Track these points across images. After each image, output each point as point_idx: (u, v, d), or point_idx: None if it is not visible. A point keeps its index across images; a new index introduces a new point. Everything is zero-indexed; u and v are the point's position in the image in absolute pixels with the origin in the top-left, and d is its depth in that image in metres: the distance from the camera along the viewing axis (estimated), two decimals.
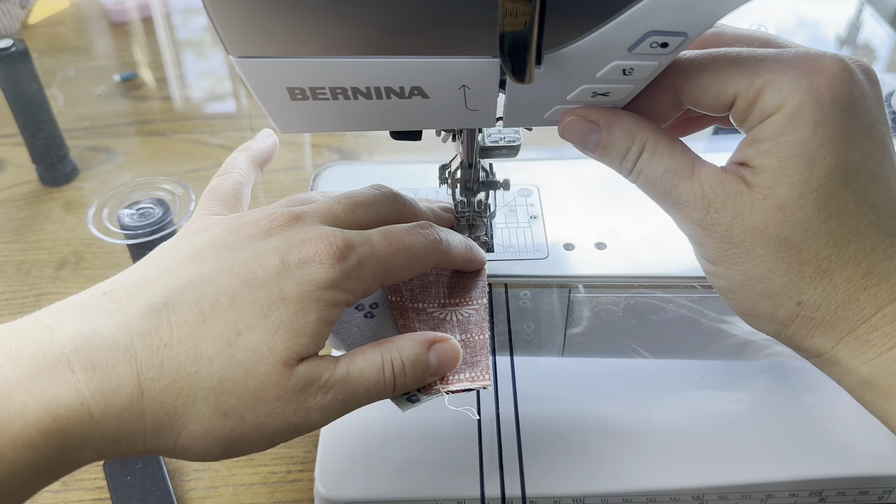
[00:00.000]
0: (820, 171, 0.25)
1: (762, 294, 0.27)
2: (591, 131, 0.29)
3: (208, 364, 0.25)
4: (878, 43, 0.71)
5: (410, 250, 0.30)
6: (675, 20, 0.24)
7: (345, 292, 0.28)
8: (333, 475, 0.38)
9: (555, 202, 0.39)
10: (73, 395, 0.23)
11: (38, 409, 0.23)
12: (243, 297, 0.26)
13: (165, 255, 0.28)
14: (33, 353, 0.24)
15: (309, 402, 0.27)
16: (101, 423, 0.24)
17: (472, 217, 0.37)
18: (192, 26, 0.85)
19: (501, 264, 0.36)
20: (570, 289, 0.36)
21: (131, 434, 0.25)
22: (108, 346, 0.24)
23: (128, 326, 0.25)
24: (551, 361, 0.42)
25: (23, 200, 0.62)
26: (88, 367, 0.24)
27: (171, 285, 0.26)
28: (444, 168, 0.38)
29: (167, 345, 0.25)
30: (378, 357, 0.29)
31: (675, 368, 0.43)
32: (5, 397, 0.23)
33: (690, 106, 0.29)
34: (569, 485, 0.37)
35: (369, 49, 0.24)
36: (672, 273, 0.35)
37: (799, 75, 0.25)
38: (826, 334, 0.27)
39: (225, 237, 0.28)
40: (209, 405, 0.25)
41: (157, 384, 0.25)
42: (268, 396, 0.26)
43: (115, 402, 0.24)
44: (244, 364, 0.25)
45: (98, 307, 0.25)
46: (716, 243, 0.27)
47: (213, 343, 0.25)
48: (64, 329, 0.25)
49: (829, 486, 0.37)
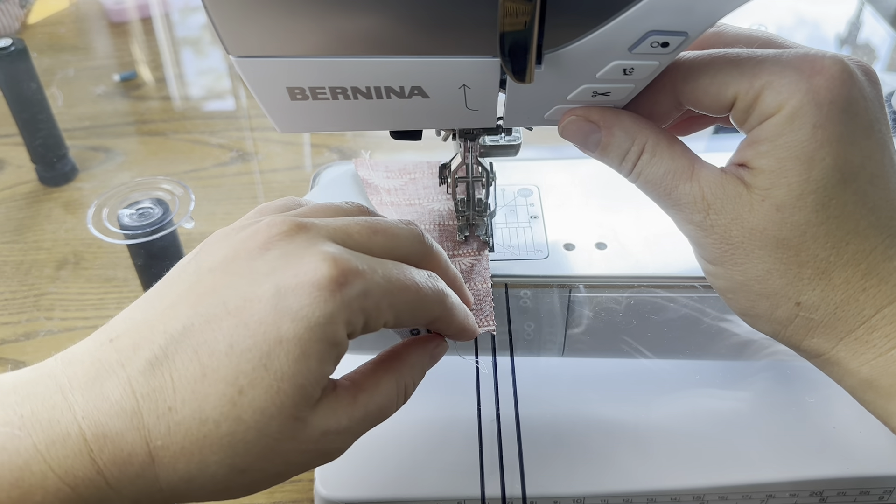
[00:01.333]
0: (818, 172, 0.25)
1: (760, 294, 0.27)
2: (591, 131, 0.29)
3: (216, 429, 0.24)
4: (878, 42, 0.71)
5: (419, 293, 0.27)
6: (676, 20, 0.23)
7: (346, 326, 0.25)
8: (333, 475, 0.38)
9: (555, 202, 0.39)
10: (88, 465, 0.23)
11: (57, 479, 0.23)
12: (240, 343, 0.24)
13: (173, 280, 0.27)
14: (48, 418, 0.23)
15: (327, 446, 0.26)
16: (118, 488, 0.24)
17: (472, 217, 0.37)
18: (190, 24, 0.85)
19: (501, 264, 0.36)
20: (570, 289, 0.36)
21: (150, 494, 0.24)
22: (116, 413, 0.24)
23: (132, 388, 0.24)
24: (551, 361, 0.42)
25: (22, 200, 0.62)
26: (100, 436, 0.23)
27: (169, 330, 0.25)
28: (443, 168, 0.38)
29: (171, 408, 0.24)
30: (393, 388, 0.28)
31: (675, 368, 0.43)
32: (26, 466, 0.22)
33: (690, 107, 0.29)
34: (569, 485, 0.37)
35: (369, 49, 0.24)
36: (672, 273, 0.35)
37: (798, 77, 0.25)
38: (825, 335, 0.27)
39: (225, 255, 0.26)
40: (224, 467, 0.24)
41: (167, 451, 0.24)
42: (284, 450, 0.25)
43: (128, 470, 0.24)
44: (254, 426, 0.24)
45: (104, 360, 0.25)
46: (715, 244, 0.27)
47: (218, 404, 0.24)
48: (75, 391, 0.24)
49: (829, 486, 0.37)
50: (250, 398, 0.24)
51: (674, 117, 0.30)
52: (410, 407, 0.41)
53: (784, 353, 0.40)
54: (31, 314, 0.51)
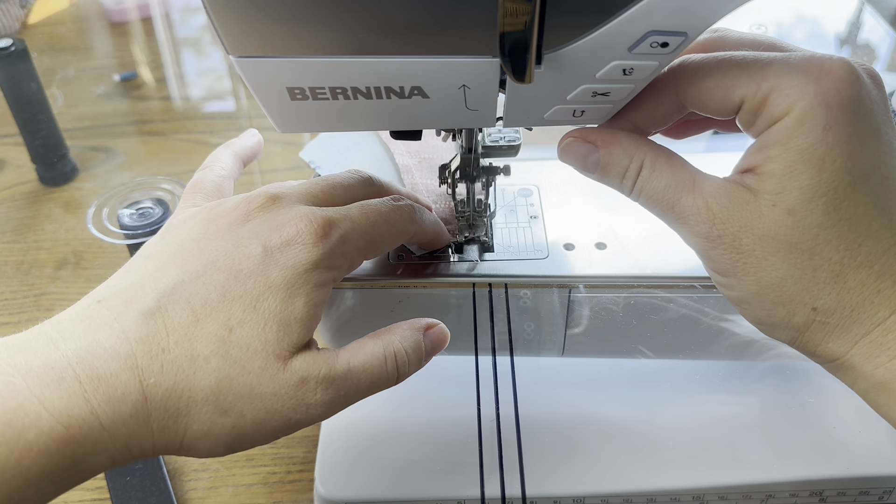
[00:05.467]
0: (829, 174, 0.25)
1: (776, 302, 0.27)
2: (589, 152, 0.29)
3: (205, 364, 0.26)
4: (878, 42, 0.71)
5: (389, 221, 0.30)
6: (676, 20, 0.23)
7: (330, 270, 0.28)
8: (333, 475, 0.38)
9: (555, 202, 0.39)
10: (82, 405, 0.24)
11: (51, 419, 0.24)
12: (232, 291, 0.27)
13: (150, 253, 0.29)
14: (41, 365, 0.24)
15: (308, 398, 0.27)
16: (111, 430, 0.25)
17: (472, 217, 0.37)
18: (191, 24, 0.85)
19: (501, 264, 0.36)
20: (570, 289, 0.36)
21: (140, 438, 0.25)
22: (110, 356, 0.25)
23: (126, 335, 0.26)
24: (551, 361, 0.42)
25: (22, 200, 0.62)
26: (94, 378, 0.25)
27: (160, 287, 0.27)
28: (444, 168, 0.38)
29: (165, 349, 0.26)
30: (380, 350, 0.29)
31: (675, 369, 0.43)
32: (19, 408, 0.23)
33: (695, 109, 0.28)
34: (569, 485, 0.37)
35: (369, 49, 0.24)
36: (672, 273, 0.35)
37: (806, 79, 0.25)
38: (841, 338, 0.27)
39: (206, 228, 0.29)
40: (209, 405, 0.26)
41: (159, 388, 0.25)
42: (265, 392, 0.26)
43: (121, 410, 0.25)
44: (239, 360, 0.26)
45: (95, 317, 0.26)
46: (725, 254, 0.27)
47: (208, 342, 0.26)
48: (67, 342, 0.25)
49: (829, 486, 0.37)
50: (238, 336, 0.26)
51: (675, 119, 0.30)
52: (410, 407, 0.41)
53: (784, 353, 0.40)
54: (30, 314, 0.51)
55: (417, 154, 0.42)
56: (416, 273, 0.36)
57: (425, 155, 0.42)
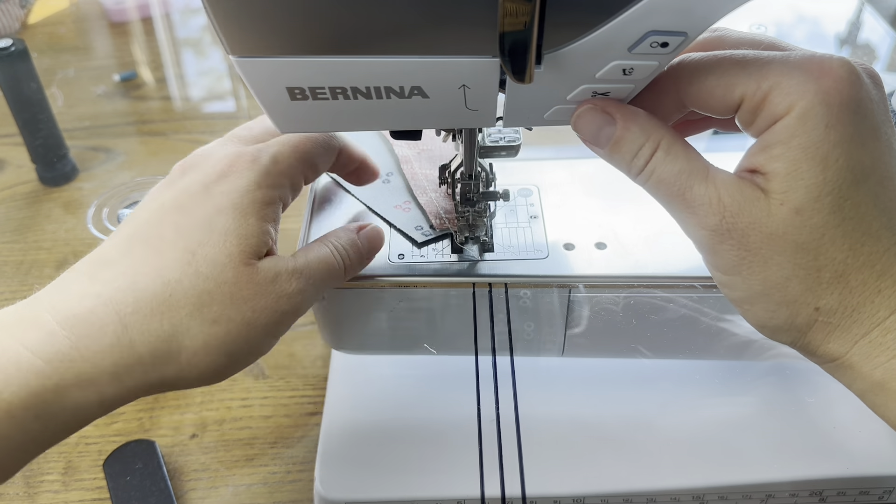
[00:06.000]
0: (833, 173, 0.25)
1: (780, 303, 0.27)
2: (605, 123, 0.28)
3: (178, 285, 0.28)
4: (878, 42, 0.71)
5: (311, 137, 0.32)
6: (676, 20, 0.23)
7: (272, 188, 0.30)
8: (333, 475, 0.38)
9: (555, 202, 0.39)
10: (61, 341, 0.26)
11: (31, 355, 0.25)
12: (184, 224, 0.29)
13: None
14: (18, 316, 0.27)
15: (285, 288, 0.30)
16: (93, 360, 0.26)
17: (473, 217, 0.37)
18: (191, 25, 0.85)
19: (501, 264, 0.36)
20: (570, 289, 0.36)
21: (129, 367, 0.27)
22: (82, 296, 0.27)
23: (94, 278, 0.28)
24: (551, 361, 0.42)
25: (22, 200, 0.62)
26: (70, 317, 0.26)
27: (117, 241, 0.29)
28: (443, 168, 0.38)
29: (135, 282, 0.28)
30: (325, 248, 0.32)
31: (675, 369, 0.43)
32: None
33: (694, 108, 0.28)
34: (569, 485, 0.37)
35: (369, 49, 0.24)
36: (672, 273, 0.35)
37: (807, 78, 0.25)
38: (841, 339, 0.27)
39: (154, 197, 0.31)
40: (196, 319, 0.28)
41: (137, 315, 0.27)
42: (245, 294, 0.28)
43: (102, 340, 0.26)
44: (211, 276, 0.28)
45: (65, 277, 0.29)
46: (731, 250, 0.26)
47: (175, 267, 0.28)
48: (41, 296, 0.28)
49: (829, 486, 0.37)
50: (202, 255, 0.28)
51: (675, 118, 0.30)
52: (410, 407, 0.41)
53: (784, 353, 0.40)
54: None
55: (416, 145, 0.42)
56: (416, 273, 0.36)
57: (424, 146, 0.42)
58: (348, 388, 0.43)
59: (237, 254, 0.28)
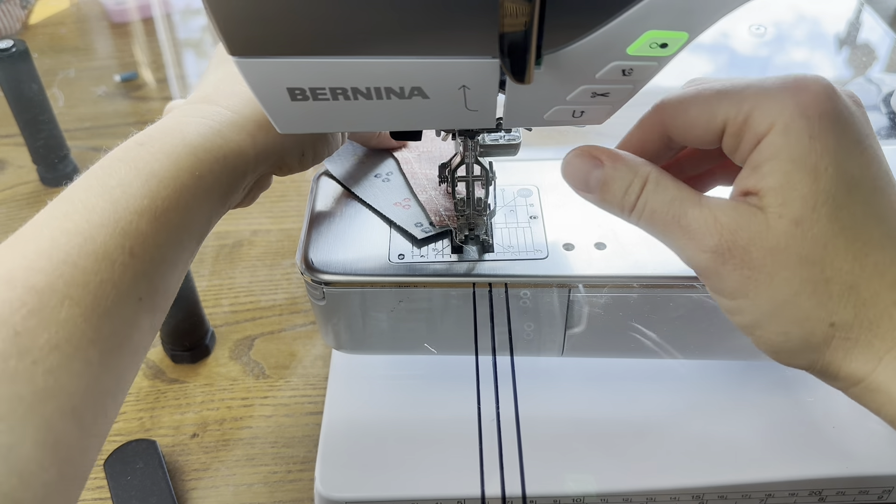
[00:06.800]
0: (825, 182, 0.25)
1: (792, 321, 0.26)
2: (593, 167, 0.28)
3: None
4: (878, 43, 0.71)
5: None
6: (676, 20, 0.24)
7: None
8: (333, 475, 0.38)
9: (555, 202, 0.39)
10: (220, 110, 0.32)
11: (201, 118, 0.31)
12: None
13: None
14: (189, 109, 0.32)
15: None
16: (241, 113, 0.32)
17: (472, 216, 0.37)
18: (191, 25, 0.85)
19: (501, 264, 0.36)
20: (570, 289, 0.36)
21: (264, 128, 0.32)
22: (219, 96, 0.33)
23: (215, 101, 0.33)
24: (551, 361, 0.42)
25: (23, 201, 0.62)
26: (223, 96, 0.33)
27: (212, 80, 0.35)
28: (443, 167, 0.38)
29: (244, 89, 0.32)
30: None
31: (674, 368, 0.43)
32: (189, 136, 0.30)
33: (682, 141, 0.29)
34: (568, 484, 0.37)
35: (369, 49, 0.24)
36: (671, 273, 0.35)
37: (784, 95, 0.25)
38: (863, 356, 0.25)
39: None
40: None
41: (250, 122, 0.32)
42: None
43: (246, 108, 0.32)
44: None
45: (185, 109, 0.32)
46: (734, 270, 0.26)
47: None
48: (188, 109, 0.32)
49: (828, 485, 0.38)
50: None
51: (665, 158, 0.31)
52: (410, 407, 0.42)
53: None
54: None
55: (416, 148, 0.42)
56: (416, 273, 0.36)
57: (424, 148, 0.42)
58: (348, 387, 0.43)
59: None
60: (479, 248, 0.37)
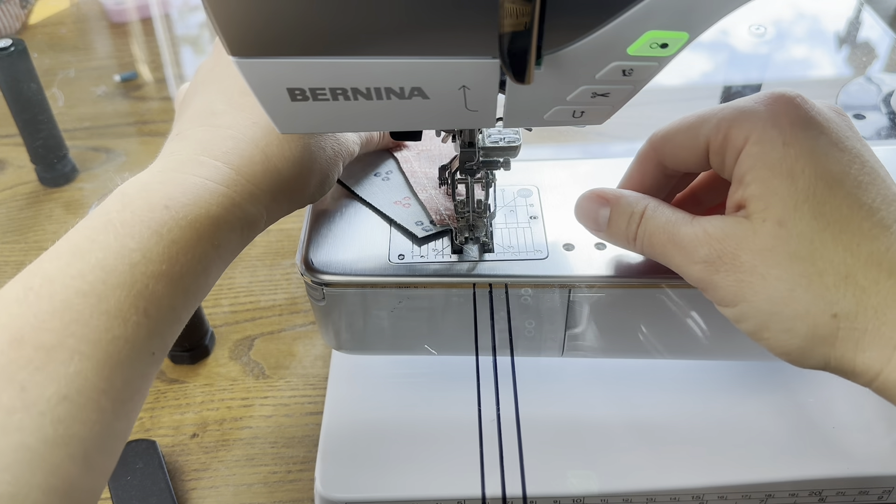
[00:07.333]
0: (803, 182, 0.26)
1: (794, 317, 0.26)
2: (600, 206, 0.32)
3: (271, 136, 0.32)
4: (877, 43, 0.71)
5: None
6: (676, 20, 0.24)
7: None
8: (333, 475, 0.38)
9: (555, 202, 0.39)
10: (224, 170, 0.30)
11: (206, 181, 0.29)
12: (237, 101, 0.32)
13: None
14: (175, 161, 0.30)
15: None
16: (254, 181, 0.31)
17: (472, 217, 0.37)
18: (190, 24, 0.85)
19: (501, 264, 0.36)
20: (570, 289, 0.36)
21: (279, 187, 0.32)
22: (223, 137, 0.31)
23: (216, 125, 0.31)
24: (551, 361, 0.42)
25: (23, 201, 0.62)
26: (220, 154, 0.30)
27: (207, 98, 0.33)
28: (443, 168, 0.38)
29: (254, 119, 0.32)
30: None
31: (675, 368, 0.43)
32: (188, 181, 0.29)
33: (674, 167, 0.32)
34: (569, 484, 0.37)
35: (370, 50, 0.24)
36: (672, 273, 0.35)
37: (756, 109, 0.28)
38: (875, 345, 0.25)
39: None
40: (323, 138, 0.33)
41: (272, 145, 0.31)
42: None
43: (253, 168, 0.31)
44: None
45: (182, 133, 0.32)
46: (728, 277, 0.27)
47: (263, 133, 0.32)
48: (179, 149, 0.31)
49: (828, 486, 0.38)
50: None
51: (665, 190, 0.33)
52: (410, 407, 0.42)
53: None
54: None
55: (415, 146, 0.42)
56: (416, 273, 0.36)
57: (423, 146, 0.42)
58: (348, 388, 0.43)
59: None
60: (479, 249, 0.37)
